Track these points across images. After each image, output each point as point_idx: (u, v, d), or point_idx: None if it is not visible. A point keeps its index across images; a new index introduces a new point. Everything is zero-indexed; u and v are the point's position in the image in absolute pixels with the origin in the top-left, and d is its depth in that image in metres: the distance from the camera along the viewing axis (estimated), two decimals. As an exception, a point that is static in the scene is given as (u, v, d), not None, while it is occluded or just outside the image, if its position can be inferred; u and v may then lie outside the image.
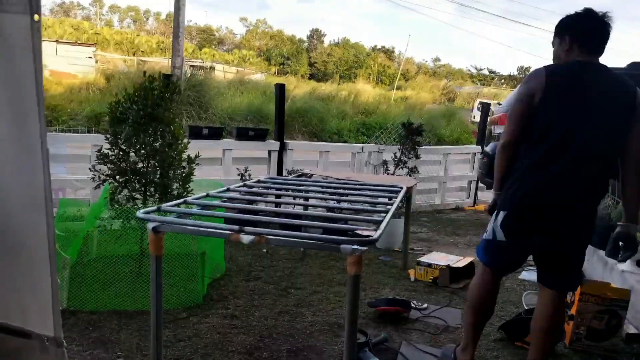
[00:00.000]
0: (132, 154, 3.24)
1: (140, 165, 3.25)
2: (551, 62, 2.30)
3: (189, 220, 2.22)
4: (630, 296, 2.76)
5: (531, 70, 2.24)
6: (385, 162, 6.34)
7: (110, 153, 3.21)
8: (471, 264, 4.00)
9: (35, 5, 1.30)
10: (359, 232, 3.45)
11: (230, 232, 2.03)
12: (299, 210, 3.42)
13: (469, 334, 2.40)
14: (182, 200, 2.62)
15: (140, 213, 2.18)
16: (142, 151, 3.22)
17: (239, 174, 5.00)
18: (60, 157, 4.86)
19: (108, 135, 3.22)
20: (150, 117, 3.19)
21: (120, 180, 3.20)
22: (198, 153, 3.49)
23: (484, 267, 2.35)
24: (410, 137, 5.79)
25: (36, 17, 1.30)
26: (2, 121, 1.35)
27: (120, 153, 3.21)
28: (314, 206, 3.54)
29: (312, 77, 36.17)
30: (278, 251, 4.30)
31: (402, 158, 5.84)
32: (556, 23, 2.33)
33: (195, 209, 2.47)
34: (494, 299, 2.39)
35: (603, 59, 2.21)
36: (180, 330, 2.73)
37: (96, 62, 19.81)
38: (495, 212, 2.26)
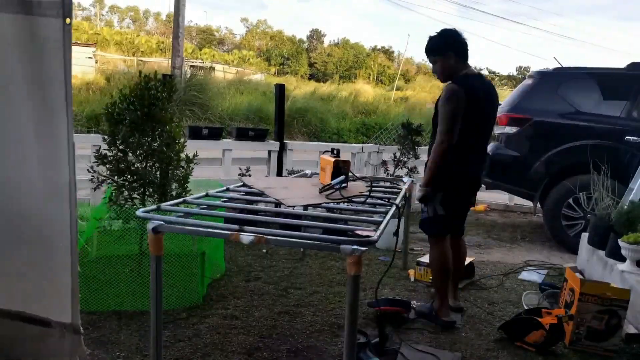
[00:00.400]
0: (129, 154, 3.24)
1: (138, 165, 3.25)
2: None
3: (189, 220, 2.22)
4: (630, 296, 2.76)
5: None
6: (384, 162, 6.33)
7: (109, 154, 3.21)
8: (471, 264, 4.00)
9: (67, 9, 1.37)
10: (359, 232, 3.46)
11: (230, 232, 2.03)
12: (298, 210, 3.41)
13: (444, 293, 3.02)
14: (181, 199, 2.62)
15: (140, 212, 2.18)
16: (140, 151, 3.22)
17: (239, 174, 5.00)
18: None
19: (105, 136, 3.22)
20: (147, 117, 3.19)
21: (119, 180, 3.20)
22: (196, 152, 3.49)
23: (438, 237, 3.01)
24: (409, 137, 5.78)
25: (67, 20, 1.37)
26: (33, 118, 1.42)
27: (119, 154, 3.21)
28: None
29: (312, 77, 36.16)
30: (278, 251, 4.30)
31: (401, 158, 5.84)
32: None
33: (195, 209, 2.47)
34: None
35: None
36: (180, 331, 2.74)
37: (96, 62, 19.81)
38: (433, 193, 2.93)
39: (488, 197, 7.27)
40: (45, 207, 1.47)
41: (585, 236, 4.34)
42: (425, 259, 3.94)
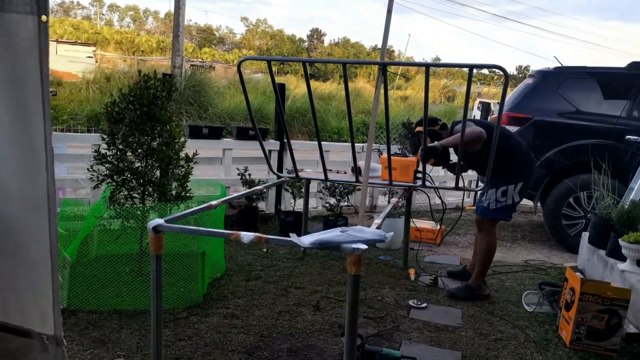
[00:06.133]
0: (129, 153, 3.23)
1: (138, 164, 3.25)
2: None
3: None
4: (630, 296, 2.76)
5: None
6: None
7: (108, 153, 3.20)
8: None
9: (42, 6, 1.30)
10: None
11: (230, 231, 2.03)
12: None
13: (485, 273, 3.56)
14: None
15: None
16: (140, 150, 3.22)
17: (238, 174, 5.00)
18: (60, 157, 4.86)
19: (105, 136, 3.22)
20: (147, 117, 3.18)
21: (118, 180, 3.19)
22: (196, 151, 3.48)
23: (495, 223, 3.52)
24: (410, 136, 5.77)
25: (43, 17, 1.30)
26: (6, 121, 1.35)
27: (118, 153, 3.21)
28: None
29: (312, 76, 36.14)
30: (278, 251, 4.30)
31: (402, 158, 5.82)
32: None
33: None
34: None
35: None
36: (180, 330, 2.73)
37: (96, 61, 19.80)
38: (513, 184, 3.40)
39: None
40: (23, 218, 1.41)
41: (585, 235, 4.33)
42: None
